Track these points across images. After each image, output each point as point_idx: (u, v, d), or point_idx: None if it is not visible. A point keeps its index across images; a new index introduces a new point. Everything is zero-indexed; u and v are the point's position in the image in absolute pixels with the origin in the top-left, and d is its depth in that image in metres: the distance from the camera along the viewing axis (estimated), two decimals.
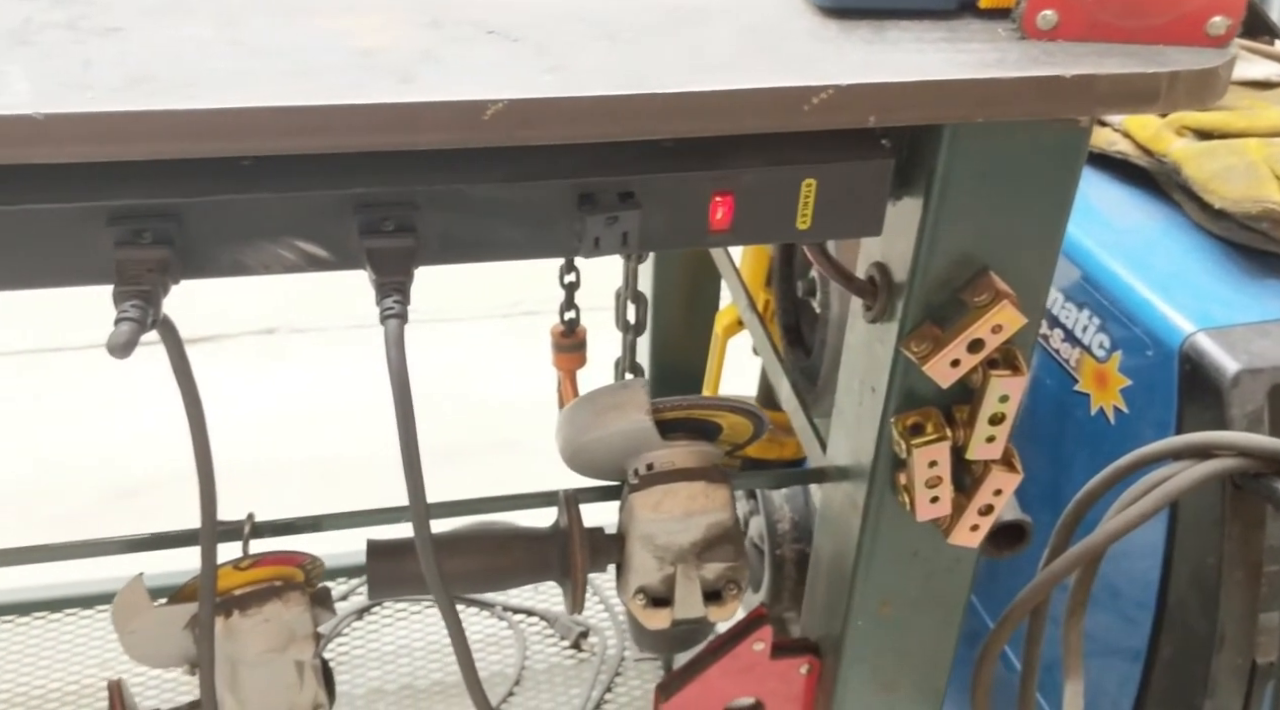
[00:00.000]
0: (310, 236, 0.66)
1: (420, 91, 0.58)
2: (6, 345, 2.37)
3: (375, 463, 2.39)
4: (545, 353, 2.58)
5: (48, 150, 0.55)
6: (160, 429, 2.26)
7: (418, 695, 1.57)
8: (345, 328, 2.57)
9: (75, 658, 1.55)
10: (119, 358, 0.60)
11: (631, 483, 0.83)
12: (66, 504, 2.05)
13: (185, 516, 2.24)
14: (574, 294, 1.27)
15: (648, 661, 1.61)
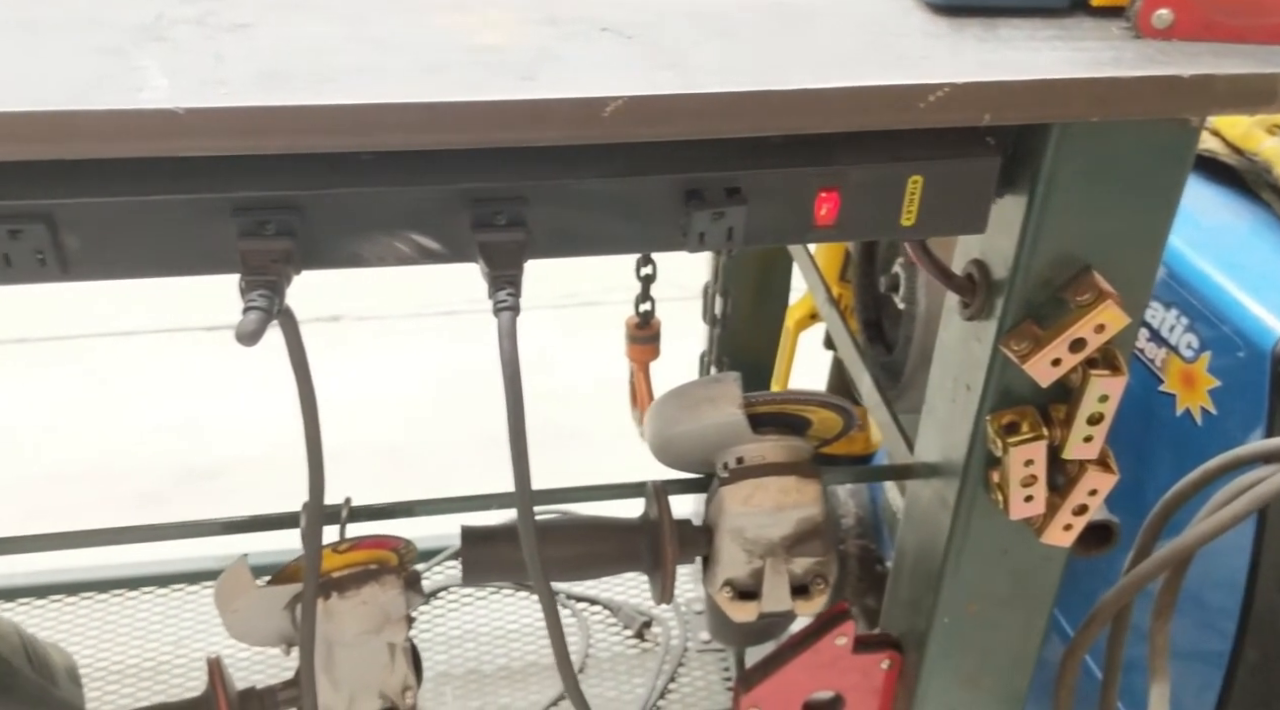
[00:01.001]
0: (425, 230, 0.67)
1: (543, 89, 0.59)
2: (88, 328, 2.43)
3: (433, 449, 2.43)
4: (602, 343, 2.60)
5: (185, 143, 0.57)
6: (231, 413, 2.32)
7: (483, 680, 1.59)
8: (405, 316, 2.60)
9: (166, 632, 1.59)
10: (247, 345, 0.61)
11: (721, 476, 0.84)
12: (142, 484, 2.10)
13: (258, 498, 2.28)
14: (650, 286, 1.28)
15: (711, 653, 1.62)
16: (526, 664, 1.60)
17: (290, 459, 2.56)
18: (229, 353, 2.73)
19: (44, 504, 1.95)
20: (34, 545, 0.87)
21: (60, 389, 2.29)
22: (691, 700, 1.56)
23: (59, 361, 2.36)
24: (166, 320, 2.47)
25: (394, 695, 0.92)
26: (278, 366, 2.48)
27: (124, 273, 0.65)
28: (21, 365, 2.35)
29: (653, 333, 1.29)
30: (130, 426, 2.21)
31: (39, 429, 2.18)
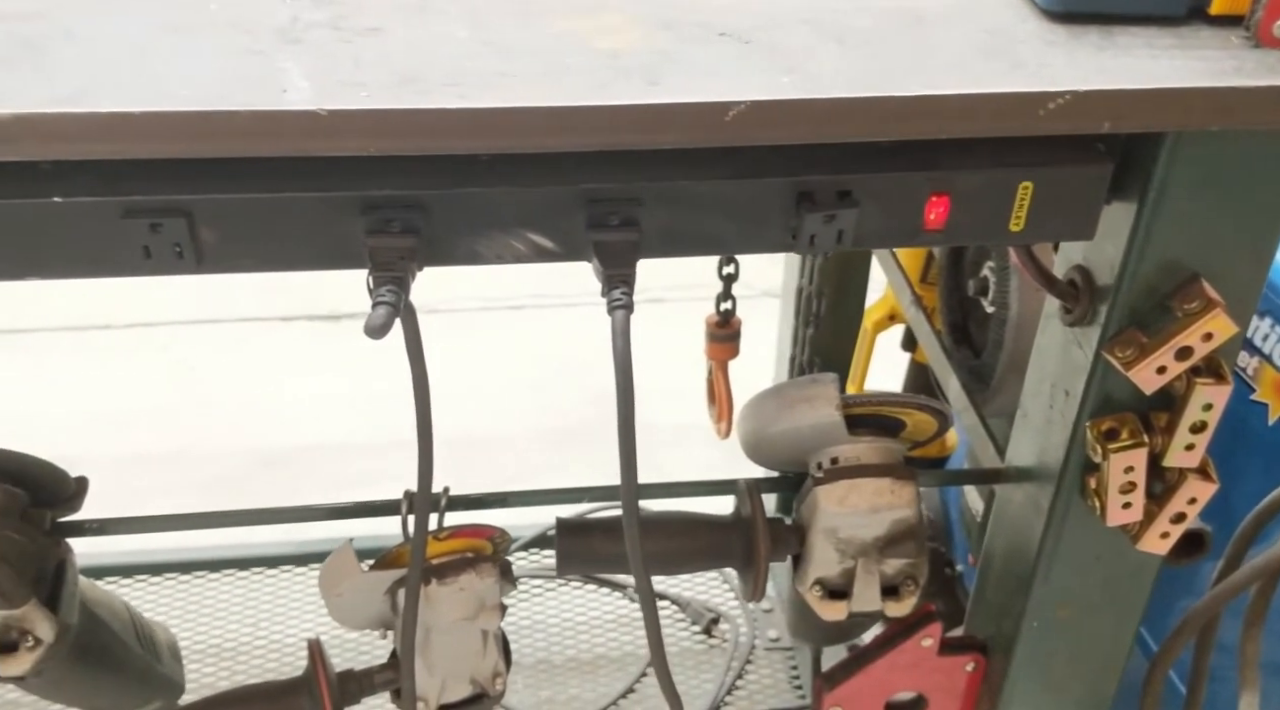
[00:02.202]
0: (541, 229, 0.69)
1: (667, 93, 0.61)
2: (171, 316, 2.50)
3: (500, 441, 2.46)
4: (669, 340, 2.61)
5: (326, 144, 0.59)
6: (301, 401, 2.37)
7: (553, 670, 1.61)
8: (473, 310, 2.63)
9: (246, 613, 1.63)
10: (376, 339, 0.64)
11: (815, 476, 0.85)
12: (214, 470, 2.15)
13: (327, 485, 2.32)
14: (731, 285, 1.28)
15: (778, 651, 1.63)
16: (595, 656, 1.62)
17: (360, 447, 2.60)
18: (305, 342, 2.78)
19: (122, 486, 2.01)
20: (138, 526, 0.90)
21: (144, 375, 2.36)
22: (759, 698, 1.57)
23: (143, 348, 2.43)
24: (246, 310, 2.53)
25: (484, 681, 0.94)
26: (351, 357, 2.55)
27: (254, 266, 0.68)
28: (107, 351, 2.42)
29: (733, 331, 1.30)
30: (209, 412, 2.27)
31: (123, 413, 2.24)
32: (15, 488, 0.80)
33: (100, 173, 0.63)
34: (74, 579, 0.85)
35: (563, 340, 2.56)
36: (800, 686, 1.57)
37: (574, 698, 1.56)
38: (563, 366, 2.49)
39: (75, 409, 2.24)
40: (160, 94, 0.58)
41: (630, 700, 1.55)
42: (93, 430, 2.16)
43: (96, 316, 2.48)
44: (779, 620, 1.66)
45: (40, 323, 2.45)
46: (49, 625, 0.80)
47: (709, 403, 1.46)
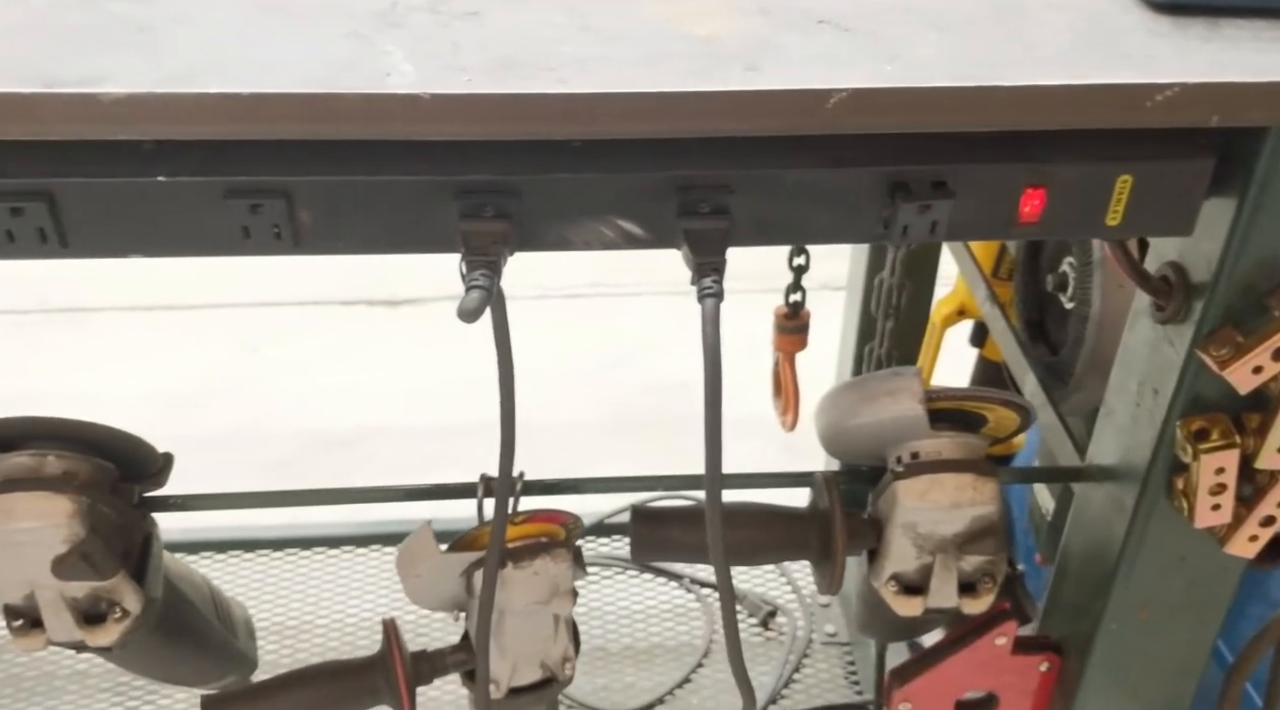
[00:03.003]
0: (631, 216, 0.69)
1: (767, 80, 0.60)
2: (227, 298, 2.54)
3: (558, 429, 2.47)
4: (725, 332, 2.61)
5: (429, 128, 0.60)
6: (360, 385, 2.40)
7: (609, 658, 1.62)
8: (531, 297, 2.64)
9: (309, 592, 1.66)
10: (468, 322, 0.64)
11: (896, 470, 0.84)
12: (275, 451, 2.19)
13: (386, 468, 2.34)
14: (802, 277, 1.28)
15: (835, 646, 1.62)
16: (651, 645, 1.63)
17: (418, 431, 2.63)
18: (364, 326, 2.81)
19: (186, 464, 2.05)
20: (223, 503, 0.92)
21: (208, 355, 2.40)
22: (815, 692, 1.56)
23: (208, 329, 2.47)
24: (308, 294, 2.57)
25: (554, 665, 0.95)
26: (409, 342, 2.59)
27: (348, 249, 0.68)
28: (173, 331, 2.47)
29: (801, 323, 1.30)
30: (270, 394, 2.31)
31: (187, 392, 2.28)
32: (106, 462, 0.82)
33: (202, 153, 0.64)
34: (159, 553, 0.86)
35: (619, 329, 2.57)
36: (858, 682, 1.56)
37: (630, 685, 1.56)
38: (619, 355, 2.50)
39: (141, 387, 2.29)
40: (268, 76, 0.59)
41: (686, 690, 1.55)
42: (157, 408, 2.20)
43: (163, 297, 2.52)
44: (836, 615, 1.65)
45: (111, 302, 2.50)
46: (136, 598, 0.82)
47: (774, 395, 1.46)
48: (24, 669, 1.55)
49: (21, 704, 1.50)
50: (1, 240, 0.64)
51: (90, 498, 0.78)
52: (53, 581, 0.78)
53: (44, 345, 2.41)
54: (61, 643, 0.82)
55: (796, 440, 2.35)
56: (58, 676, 1.54)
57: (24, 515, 0.76)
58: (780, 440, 2.27)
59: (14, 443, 0.80)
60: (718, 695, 1.55)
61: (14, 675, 1.54)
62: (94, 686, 1.53)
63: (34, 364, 2.34)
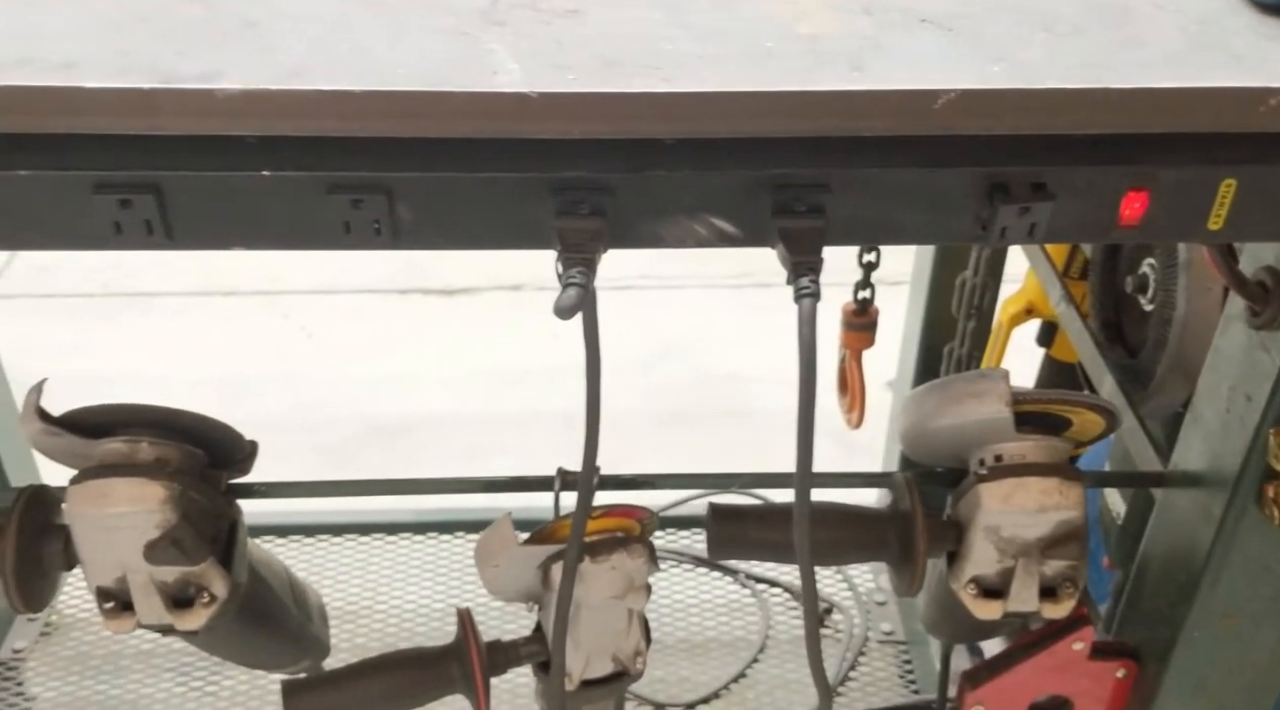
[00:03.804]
0: (725, 214, 0.68)
1: (873, 79, 0.60)
2: (284, 285, 2.57)
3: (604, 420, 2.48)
4: (773, 325, 2.59)
5: (534, 126, 0.60)
6: (413, 373, 2.43)
7: (664, 652, 1.62)
8: None
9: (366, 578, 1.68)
10: (564, 319, 0.64)
11: (979, 473, 0.83)
12: (330, 436, 2.21)
13: (439, 456, 2.35)
14: (870, 273, 1.27)
15: (891, 645, 1.62)
16: (707, 639, 1.63)
17: (469, 420, 2.63)
18: (419, 316, 2.83)
19: None
20: (306, 491, 0.93)
21: (265, 341, 2.43)
22: (871, 690, 1.56)
23: (265, 315, 2.50)
24: (364, 282, 2.59)
25: (626, 659, 0.95)
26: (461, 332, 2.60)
27: (443, 244, 0.69)
28: (231, 317, 2.50)
29: (870, 320, 1.29)
30: (325, 380, 2.33)
31: (244, 377, 2.32)
32: (196, 449, 0.84)
33: (304, 148, 0.65)
34: (244, 539, 0.88)
35: (667, 322, 2.57)
36: (914, 681, 1.56)
37: (685, 679, 1.57)
38: (667, 348, 2.50)
39: (199, 371, 2.32)
40: (377, 74, 0.59)
41: (742, 685, 1.55)
42: (215, 392, 2.23)
43: (221, 283, 2.56)
44: (893, 613, 1.65)
45: (170, 287, 2.54)
46: (223, 583, 0.83)
47: (839, 392, 1.45)
48: (91, 648, 1.59)
49: (89, 681, 1.54)
50: (109, 231, 0.65)
51: (181, 484, 0.79)
52: (144, 565, 0.79)
53: (106, 329, 2.45)
54: (150, 626, 0.83)
55: (852, 436, 2.35)
56: (124, 656, 1.58)
57: (119, 500, 0.78)
58: (835, 436, 2.26)
59: (109, 429, 0.81)
60: (773, 691, 1.55)
61: (81, 654, 1.58)
62: (159, 666, 1.56)
63: (97, 347, 2.39)
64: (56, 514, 0.85)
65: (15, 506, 0.81)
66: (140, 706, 1.51)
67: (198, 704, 1.52)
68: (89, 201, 0.63)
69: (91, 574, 0.81)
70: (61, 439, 0.80)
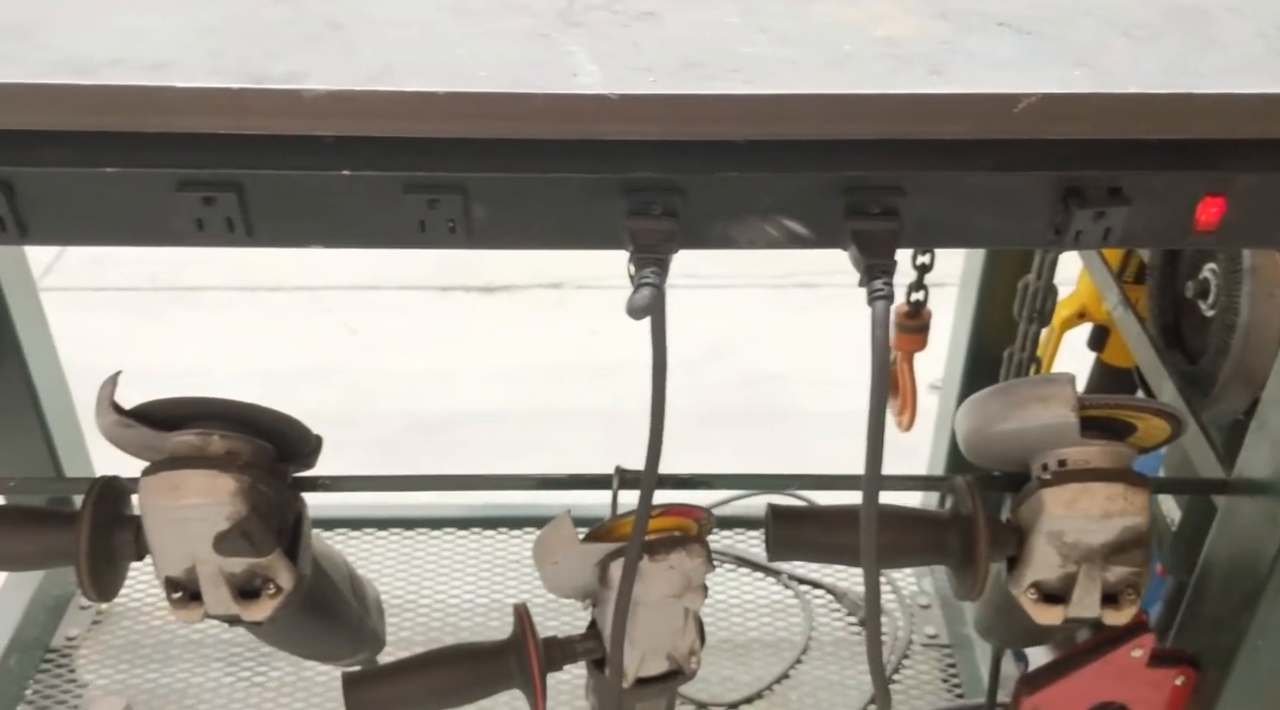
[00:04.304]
0: (797, 215, 0.69)
1: (952, 83, 0.60)
2: (329, 280, 2.59)
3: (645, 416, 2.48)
4: (817, 326, 2.59)
5: (614, 128, 0.60)
6: (456, 369, 2.44)
7: (708, 651, 1.59)
8: (624, 288, 2.66)
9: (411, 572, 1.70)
10: (638, 319, 0.65)
11: (1042, 477, 0.83)
12: (374, 432, 2.23)
13: (483, 452, 2.36)
14: (924, 275, 1.27)
15: (935, 648, 1.61)
16: (749, 640, 1.63)
17: (514, 416, 2.64)
18: (460, 312, 2.84)
19: None
20: (369, 485, 0.94)
21: (310, 336, 2.46)
22: (915, 693, 1.55)
23: (310, 310, 2.53)
24: (407, 278, 2.61)
25: (681, 658, 0.96)
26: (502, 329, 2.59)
27: (518, 244, 0.69)
28: (277, 311, 2.53)
29: (923, 323, 1.28)
30: (369, 375, 2.35)
31: (289, 371, 2.34)
32: (265, 442, 0.85)
33: (381, 148, 0.66)
34: (309, 532, 0.89)
35: (712, 322, 2.57)
36: (959, 685, 1.55)
37: (727, 679, 1.57)
38: (712, 347, 2.50)
39: (245, 365, 2.35)
40: (459, 75, 0.60)
41: (785, 686, 1.55)
42: (261, 386, 2.25)
43: (266, 278, 2.59)
44: (937, 616, 1.64)
45: (216, 281, 2.57)
46: (289, 575, 0.84)
47: (891, 394, 1.45)
48: (141, 637, 1.61)
49: (139, 670, 1.56)
50: (191, 228, 0.66)
51: (251, 477, 0.81)
52: (213, 556, 0.81)
53: (154, 322, 2.49)
54: (217, 616, 0.85)
55: (898, 438, 2.34)
56: (174, 645, 1.60)
57: (191, 492, 0.79)
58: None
59: (180, 421, 0.83)
60: (816, 692, 1.55)
61: (132, 642, 1.60)
62: (208, 656, 1.58)
63: (145, 340, 2.42)
64: (127, 505, 0.86)
65: (88, 498, 0.82)
66: (189, 695, 1.53)
67: (245, 694, 1.54)
68: (172, 199, 0.65)
69: (161, 564, 0.83)
70: (134, 431, 0.82)
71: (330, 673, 1.56)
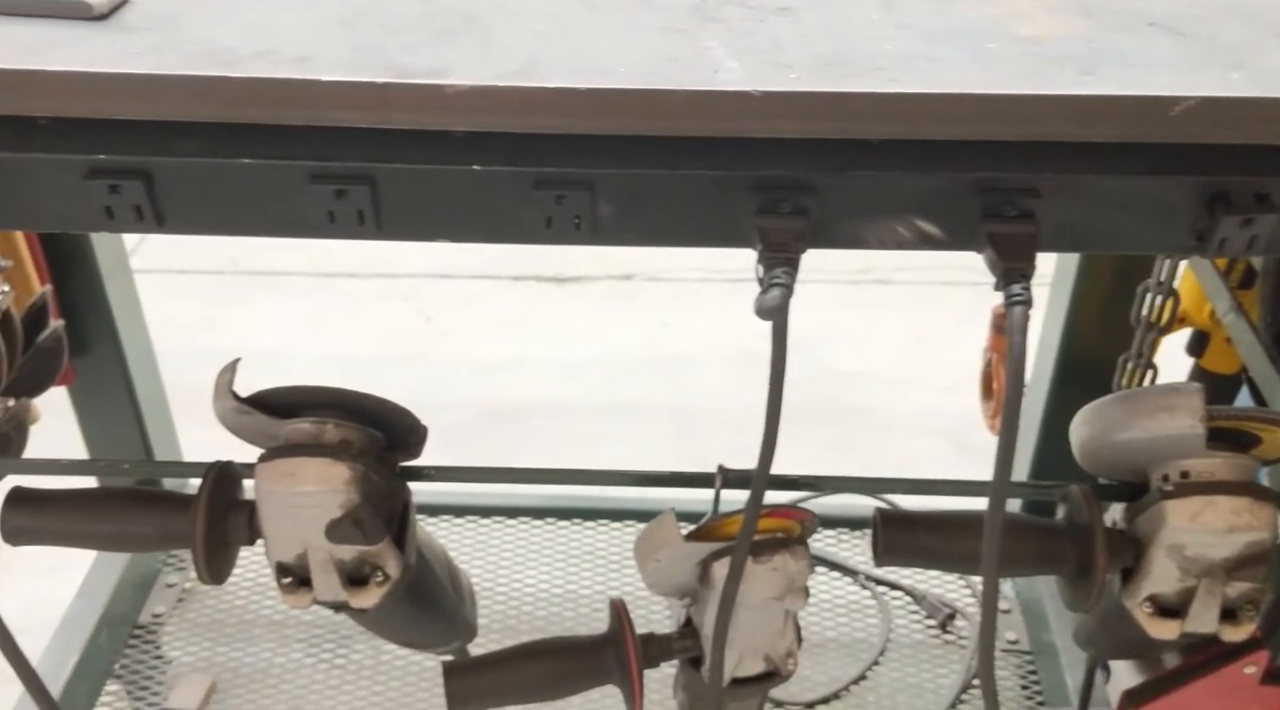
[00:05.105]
0: (930, 216, 0.67)
1: (1107, 84, 0.58)
2: (404, 268, 2.62)
3: (717, 413, 2.48)
4: (893, 323, 2.56)
5: (756, 125, 0.60)
6: (527, 358, 2.45)
7: None
8: (695, 280, 2.65)
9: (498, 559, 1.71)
10: (769, 320, 0.64)
11: (1164, 489, 0.81)
12: (449, 419, 2.25)
13: (554, 442, 2.36)
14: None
15: (1015, 654, 1.58)
16: (825, 639, 1.62)
17: (583, 408, 2.65)
18: (532, 302, 2.86)
19: None
20: (474, 476, 0.95)
21: (386, 322, 2.49)
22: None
23: (386, 297, 2.56)
24: (480, 267, 2.63)
25: (778, 659, 0.95)
26: (573, 319, 2.60)
27: (642, 240, 0.69)
28: (354, 297, 2.56)
29: None
30: (444, 363, 2.37)
31: (366, 357, 2.37)
32: (376, 431, 0.85)
33: (509, 143, 0.65)
34: (414, 521, 0.90)
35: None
36: (1040, 693, 1.53)
37: (804, 678, 1.56)
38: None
39: (322, 349, 2.38)
40: (599, 71, 0.60)
41: (863, 687, 1.54)
42: (337, 370, 2.27)
43: (344, 265, 2.62)
44: (1018, 622, 1.61)
45: (294, 267, 2.61)
46: (397, 563, 0.85)
47: (983, 397, 1.42)
48: (224, 616, 1.64)
49: (223, 648, 1.59)
50: (323, 220, 0.67)
51: (364, 466, 0.81)
52: (325, 543, 0.82)
53: (234, 306, 2.53)
54: (325, 602, 0.86)
55: (968, 437, 2.30)
56: (255, 625, 1.63)
57: (307, 479, 0.80)
58: (951, 437, 2.22)
59: (295, 409, 0.84)
60: (894, 695, 1.54)
61: (216, 621, 1.64)
62: (290, 637, 1.61)
63: (226, 323, 2.47)
64: (240, 489, 0.87)
65: (205, 482, 0.84)
66: (271, 675, 1.56)
67: (326, 675, 1.56)
68: (306, 191, 0.65)
69: (273, 549, 0.84)
70: (251, 418, 0.83)
71: (408, 657, 1.58)
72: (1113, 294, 1.43)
